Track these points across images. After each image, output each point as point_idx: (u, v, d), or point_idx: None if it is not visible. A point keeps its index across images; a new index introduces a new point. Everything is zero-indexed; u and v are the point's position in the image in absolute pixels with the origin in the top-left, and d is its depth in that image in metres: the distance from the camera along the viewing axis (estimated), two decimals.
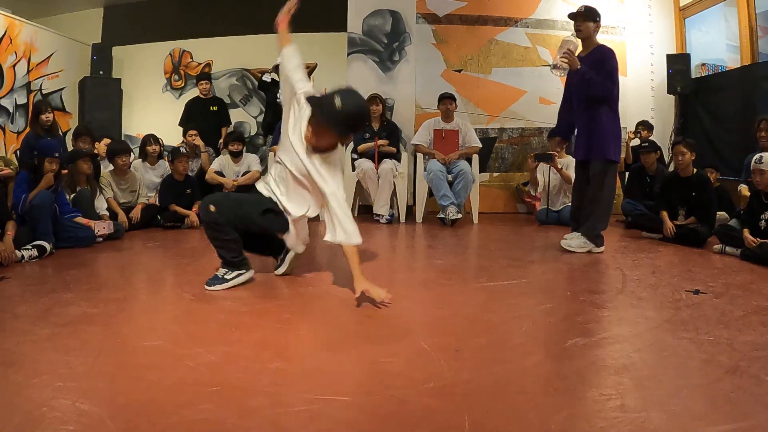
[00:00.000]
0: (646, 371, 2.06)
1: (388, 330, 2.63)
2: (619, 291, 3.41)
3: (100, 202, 5.52)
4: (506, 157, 8.20)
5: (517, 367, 2.12)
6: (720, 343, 2.38)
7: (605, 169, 4.61)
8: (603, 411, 1.74)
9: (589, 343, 2.39)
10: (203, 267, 3.95)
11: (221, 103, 8.47)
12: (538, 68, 8.14)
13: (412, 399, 1.82)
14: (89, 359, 2.13)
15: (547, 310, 2.91)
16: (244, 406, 1.76)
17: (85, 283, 3.48)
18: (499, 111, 8.12)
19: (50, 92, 8.93)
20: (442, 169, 6.54)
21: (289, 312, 2.85)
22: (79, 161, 5.27)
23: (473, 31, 8.11)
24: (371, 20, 7.71)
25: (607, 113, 4.70)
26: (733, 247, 4.60)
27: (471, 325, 2.69)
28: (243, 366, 2.11)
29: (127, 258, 4.54)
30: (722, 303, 3.09)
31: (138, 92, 9.76)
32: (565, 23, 8.13)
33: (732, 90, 7.09)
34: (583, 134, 4.83)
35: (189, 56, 9.81)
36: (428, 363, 2.13)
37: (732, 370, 2.06)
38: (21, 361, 2.11)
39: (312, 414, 1.71)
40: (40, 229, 4.34)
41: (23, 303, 2.97)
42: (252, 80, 9.14)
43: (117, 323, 2.66)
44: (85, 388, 1.87)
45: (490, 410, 1.75)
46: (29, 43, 8.45)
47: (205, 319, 2.74)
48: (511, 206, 8.23)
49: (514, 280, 3.64)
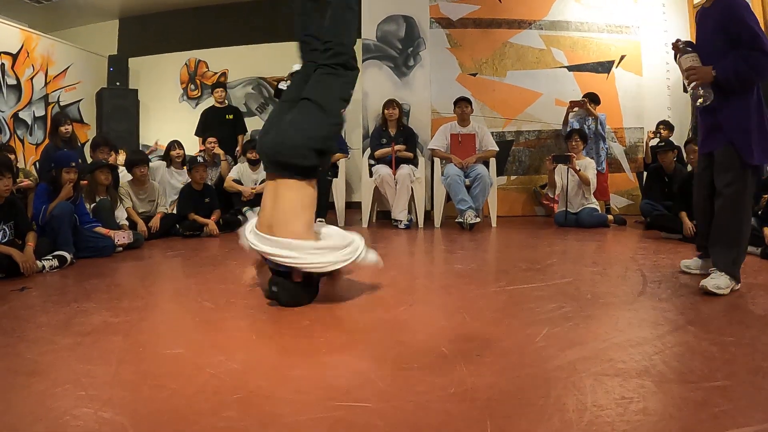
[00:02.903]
0: (668, 373, 2.04)
1: (409, 335, 2.62)
2: (639, 293, 3.38)
3: (119, 212, 5.57)
4: (523, 159, 8.19)
5: (539, 371, 2.10)
6: (742, 344, 2.35)
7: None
8: (626, 414, 1.72)
9: (610, 346, 2.36)
10: (223, 275, 3.97)
11: (237, 111, 8.52)
12: (553, 70, 8.15)
13: (433, 405, 1.81)
14: (111, 368, 2.14)
15: (567, 314, 2.88)
16: (267, 414, 1.76)
17: (105, 292, 3.50)
18: (515, 114, 8.11)
19: (68, 104, 9.04)
20: (459, 174, 6.54)
21: (309, 319, 2.85)
22: (97, 172, 5.32)
23: (487, 35, 8.13)
24: (385, 26, 7.72)
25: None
26: (753, 246, 4.55)
27: (492, 329, 2.67)
28: (264, 373, 2.11)
29: (147, 267, 4.56)
30: (744, 303, 3.06)
31: (155, 102, 9.86)
32: (579, 24, 8.15)
33: None
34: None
35: (205, 66, 9.90)
36: (449, 368, 2.12)
37: (755, 371, 2.03)
38: (43, 370, 2.13)
39: (334, 421, 1.70)
40: (60, 239, 4.38)
41: (45, 313, 2.99)
42: (268, 88, 9.19)
43: (138, 332, 2.67)
44: (107, 396, 1.87)
45: (513, 415, 1.74)
46: (46, 56, 8.57)
47: (226, 327, 2.75)
48: (529, 209, 8.22)
49: (534, 283, 3.62)
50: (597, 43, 8.21)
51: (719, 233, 3.37)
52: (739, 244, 3.34)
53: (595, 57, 8.20)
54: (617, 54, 8.17)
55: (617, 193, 8.10)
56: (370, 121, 7.55)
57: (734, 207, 3.31)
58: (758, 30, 3.19)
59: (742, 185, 3.29)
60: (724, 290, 3.21)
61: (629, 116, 8.04)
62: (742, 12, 3.25)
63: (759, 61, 3.19)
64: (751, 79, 3.28)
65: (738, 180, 3.29)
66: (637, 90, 7.98)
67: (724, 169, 3.35)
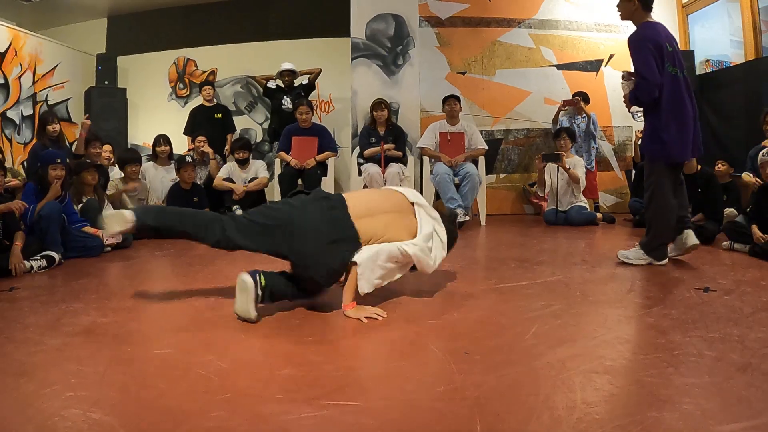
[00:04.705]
0: (656, 370, 2.05)
1: (398, 334, 2.63)
2: (629, 290, 3.40)
3: (108, 211, 5.54)
4: (512, 158, 8.20)
5: (529, 369, 2.11)
6: (731, 341, 2.37)
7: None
8: (614, 410, 1.73)
9: (599, 343, 2.38)
10: (212, 274, 3.96)
11: (226, 110, 8.49)
12: (543, 68, 8.17)
13: (422, 403, 1.82)
14: (100, 368, 2.13)
15: (556, 311, 2.90)
16: (256, 413, 1.76)
17: (94, 292, 3.49)
18: (504, 112, 8.13)
19: (56, 103, 8.97)
20: (448, 172, 6.54)
21: (298, 318, 2.85)
22: (84, 173, 5.28)
23: (476, 33, 8.14)
24: (374, 25, 7.71)
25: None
26: (741, 244, 4.59)
27: (480, 327, 2.68)
28: (254, 373, 2.11)
29: (135, 267, 4.54)
30: (732, 300, 3.08)
31: (143, 101, 9.80)
32: (568, 23, 8.17)
33: (737, 85, 7.07)
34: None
35: (193, 64, 9.85)
36: (438, 367, 2.12)
37: (743, 368, 2.05)
38: (32, 371, 2.12)
39: (323, 420, 1.70)
40: (48, 239, 4.36)
41: (33, 313, 2.98)
42: (257, 87, 9.15)
43: (127, 332, 2.66)
44: (97, 397, 1.87)
45: (502, 413, 1.74)
46: (34, 54, 8.50)
47: (215, 327, 2.74)
48: (518, 207, 8.24)
49: (524, 281, 3.63)
50: (586, 41, 8.24)
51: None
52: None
53: (584, 56, 8.23)
54: (606, 53, 8.19)
55: (606, 192, 8.13)
56: (359, 119, 7.54)
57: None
58: (642, 59, 3.94)
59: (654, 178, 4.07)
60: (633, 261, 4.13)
61: (618, 115, 8.05)
62: (630, 47, 4.05)
63: (638, 85, 3.97)
64: (636, 98, 4.05)
65: (651, 174, 4.09)
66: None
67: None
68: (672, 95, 3.94)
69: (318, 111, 9.13)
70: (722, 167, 5.93)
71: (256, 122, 9.58)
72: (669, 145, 3.95)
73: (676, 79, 3.96)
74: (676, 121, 3.95)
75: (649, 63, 3.90)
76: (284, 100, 7.75)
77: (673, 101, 3.94)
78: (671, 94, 3.94)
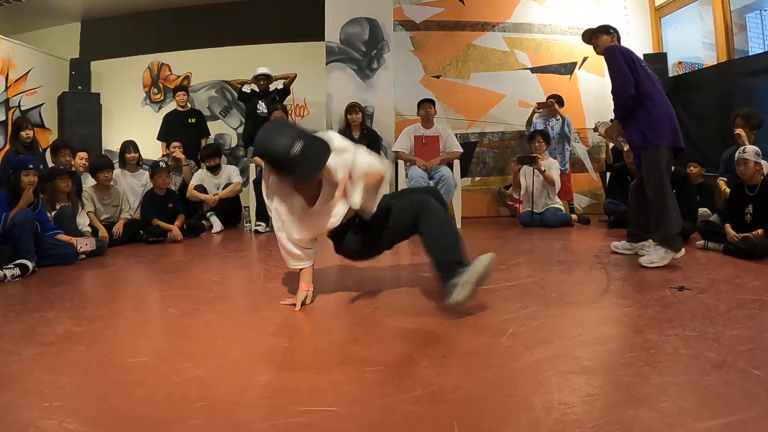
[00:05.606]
0: (633, 369, 2.07)
1: (375, 337, 2.63)
2: (604, 291, 3.43)
3: (81, 219, 5.49)
4: (487, 161, 8.24)
5: (506, 371, 2.12)
6: (706, 339, 2.40)
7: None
8: (592, 410, 1.75)
9: (576, 344, 2.40)
10: (187, 281, 3.93)
11: (199, 114, 8.47)
12: (517, 72, 8.22)
13: (400, 407, 1.82)
14: (75, 378, 2.11)
15: (533, 313, 2.91)
16: (233, 420, 1.75)
17: (69, 300, 3.45)
18: (479, 115, 8.16)
19: (29, 109, 8.86)
20: (423, 176, 6.57)
21: (274, 324, 2.84)
22: (57, 180, 5.22)
23: (451, 37, 8.17)
24: (349, 28, 7.72)
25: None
26: (715, 243, 4.65)
27: (457, 330, 2.69)
28: (231, 380, 2.10)
29: (110, 274, 4.50)
30: (707, 298, 3.12)
31: (117, 107, 9.71)
32: (542, 26, 8.23)
33: (709, 87, 7.17)
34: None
35: (168, 69, 9.78)
36: (415, 370, 2.13)
37: (719, 365, 2.08)
38: (6, 382, 2.09)
39: (301, 426, 1.70)
40: (21, 247, 4.31)
41: (7, 323, 2.94)
42: (231, 92, 9.12)
43: (102, 341, 2.64)
44: (73, 407, 1.85)
45: (480, 415, 1.75)
46: (7, 59, 8.39)
47: (191, 334, 2.73)
48: (493, 210, 8.27)
49: (500, 283, 3.65)
50: (560, 45, 8.30)
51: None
52: None
53: (558, 59, 8.29)
54: (580, 56, 8.26)
55: (580, 193, 8.19)
56: (334, 123, 7.55)
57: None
58: (616, 64, 4.20)
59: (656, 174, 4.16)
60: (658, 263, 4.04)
61: (592, 117, 8.11)
62: (606, 57, 4.36)
63: (615, 87, 4.24)
64: (618, 105, 4.28)
65: (653, 170, 4.18)
66: (600, 91, 8.05)
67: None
68: (652, 86, 4.20)
69: (293, 115, 9.11)
70: (694, 169, 6.02)
71: (230, 127, 9.53)
72: (664, 127, 4.16)
73: (651, 77, 4.25)
74: (663, 106, 4.19)
75: (622, 66, 4.16)
76: (259, 105, 7.72)
77: (655, 90, 4.20)
78: (650, 87, 4.19)
